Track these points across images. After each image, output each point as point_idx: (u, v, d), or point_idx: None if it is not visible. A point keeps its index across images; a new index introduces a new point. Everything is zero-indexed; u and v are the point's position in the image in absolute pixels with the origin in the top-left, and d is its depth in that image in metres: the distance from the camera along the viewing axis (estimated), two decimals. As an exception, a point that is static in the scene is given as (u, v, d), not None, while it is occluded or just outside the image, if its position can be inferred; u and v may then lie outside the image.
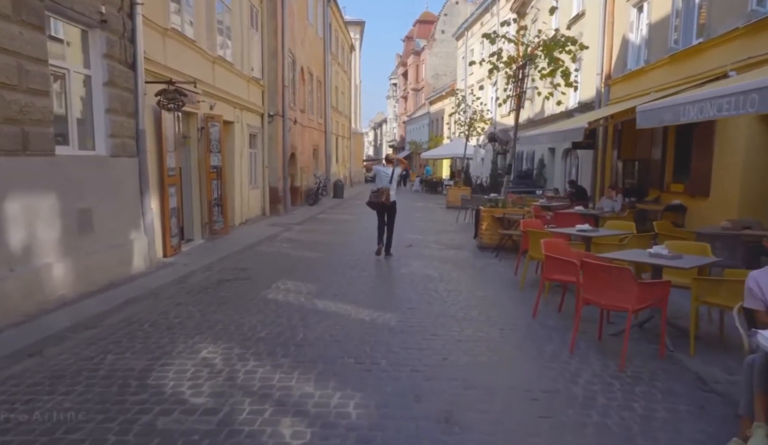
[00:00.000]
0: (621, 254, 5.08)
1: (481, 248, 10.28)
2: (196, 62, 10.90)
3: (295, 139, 19.82)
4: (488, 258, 9.49)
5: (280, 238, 12.26)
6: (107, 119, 7.46)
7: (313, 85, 24.11)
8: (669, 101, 6.57)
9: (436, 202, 24.34)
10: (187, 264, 8.66)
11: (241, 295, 6.67)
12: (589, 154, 16.87)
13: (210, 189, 11.40)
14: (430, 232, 13.35)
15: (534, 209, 10.53)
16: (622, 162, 13.80)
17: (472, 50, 37.17)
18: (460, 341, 4.95)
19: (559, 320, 5.62)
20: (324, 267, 8.62)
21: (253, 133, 15.94)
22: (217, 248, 10.24)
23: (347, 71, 37.62)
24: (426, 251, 10.22)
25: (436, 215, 18.24)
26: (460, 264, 8.94)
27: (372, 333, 5.10)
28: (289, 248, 10.62)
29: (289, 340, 4.90)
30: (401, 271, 8.33)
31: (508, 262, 9.06)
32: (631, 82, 13.73)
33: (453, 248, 10.60)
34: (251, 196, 15.64)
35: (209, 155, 11.37)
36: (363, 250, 10.39)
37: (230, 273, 8.11)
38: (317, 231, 13.64)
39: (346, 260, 9.23)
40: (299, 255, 9.79)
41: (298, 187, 21.04)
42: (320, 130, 26.07)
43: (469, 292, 6.99)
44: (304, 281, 7.50)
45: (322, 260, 9.27)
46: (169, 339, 4.88)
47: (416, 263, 9.00)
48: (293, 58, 19.76)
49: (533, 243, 6.96)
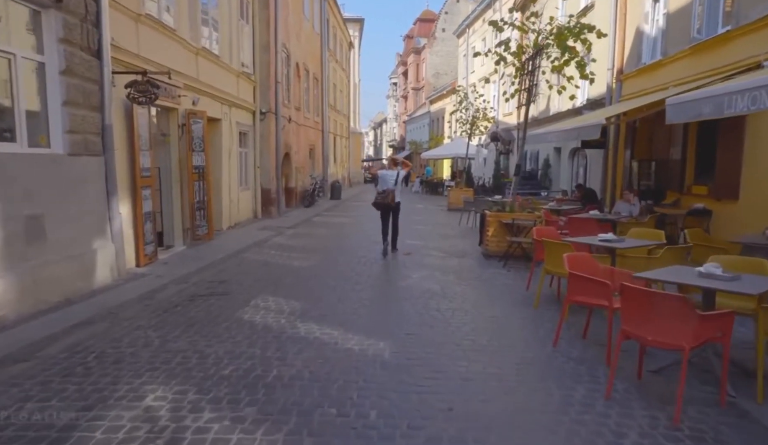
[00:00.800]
0: (663, 274, 4.18)
1: (487, 256, 9.38)
2: (177, 53, 10.01)
3: (289, 138, 18.93)
4: (495, 268, 8.60)
5: (269, 244, 11.36)
6: (65, 113, 6.56)
7: (310, 82, 23.22)
8: (708, 92, 5.68)
9: (436, 203, 23.44)
10: (161, 275, 7.77)
11: (214, 315, 5.78)
12: (598, 154, 15.98)
13: (192, 191, 10.50)
14: (430, 237, 12.45)
15: (544, 214, 9.63)
16: (637, 162, 12.89)
17: (473, 48, 36.28)
18: (467, 381, 4.05)
19: (584, 350, 4.72)
20: (313, 279, 7.72)
21: (243, 132, 15.05)
22: (198, 256, 9.35)
23: (346, 69, 36.72)
24: (426, 260, 9.33)
25: (437, 218, 17.35)
26: (465, 275, 8.04)
27: (361, 370, 4.20)
28: (278, 256, 9.72)
29: (258, 379, 4.00)
30: (399, 284, 7.44)
31: (517, 273, 8.16)
32: (645, 76, 12.83)
33: (456, 256, 9.70)
34: (241, 198, 14.75)
35: (191, 155, 10.48)
36: (358, 258, 9.49)
37: (206, 287, 7.22)
38: (310, 236, 12.75)
39: (339, 270, 8.35)
40: (287, 264, 8.89)
41: (293, 189, 20.15)
42: (317, 129, 25.17)
43: (476, 311, 6.09)
44: (289, 296, 6.60)
45: (312, 270, 8.37)
46: (112, 378, 3.98)
47: (416, 273, 8.10)
48: (287, 54, 18.87)
49: (550, 255, 6.06)
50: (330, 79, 28.95)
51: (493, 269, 8.52)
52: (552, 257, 6.00)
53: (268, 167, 16.43)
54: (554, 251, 5.96)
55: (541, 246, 6.53)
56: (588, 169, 17.22)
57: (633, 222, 9.32)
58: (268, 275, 7.97)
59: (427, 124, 48.09)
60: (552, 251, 6.01)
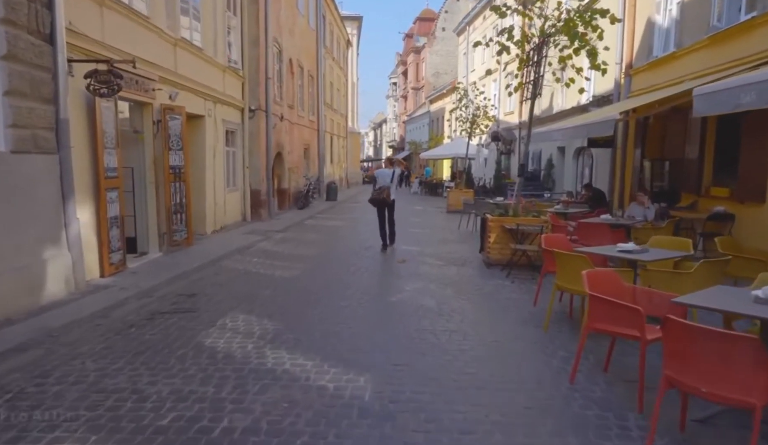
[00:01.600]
0: (710, 299, 3.35)
1: (489, 264, 8.55)
2: (151, 43, 9.20)
3: (281, 137, 18.12)
4: (498, 278, 7.77)
5: (253, 249, 10.54)
6: (6, 104, 5.75)
7: (304, 79, 22.40)
8: (750, 78, 4.84)
9: (435, 205, 22.61)
10: (126, 288, 6.95)
11: (171, 339, 4.95)
12: (605, 153, 15.15)
13: (169, 193, 9.68)
14: (428, 242, 11.62)
15: (551, 218, 8.81)
16: (650, 162, 12.05)
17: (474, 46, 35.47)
18: (466, 435, 3.22)
19: (608, 389, 3.89)
20: (295, 292, 6.89)
21: (230, 130, 14.24)
22: (172, 264, 8.53)
23: (343, 68, 35.91)
24: (422, 269, 8.50)
25: (436, 221, 16.52)
26: (464, 288, 7.21)
27: (333, 419, 3.37)
28: (260, 264, 8.90)
29: (202, 433, 3.17)
30: (390, 299, 6.61)
31: (523, 285, 7.33)
32: (657, 70, 12.01)
33: (455, 265, 8.87)
34: (228, 200, 13.93)
35: (168, 153, 9.66)
36: (348, 266, 8.68)
37: (172, 302, 6.39)
38: (299, 241, 11.92)
39: (324, 281, 7.52)
40: (268, 274, 8.07)
41: (285, 190, 19.34)
42: (312, 128, 24.36)
43: (477, 333, 5.26)
44: (263, 314, 5.78)
45: (295, 282, 7.54)
46: (16, 433, 3.15)
47: (410, 285, 7.27)
48: (280, 49, 18.06)
49: (562, 269, 5.24)
50: (326, 77, 28.14)
51: (495, 280, 7.68)
52: (565, 271, 5.18)
53: (257, 167, 15.61)
54: (567, 263, 5.13)
55: (551, 257, 5.71)
56: (594, 169, 16.40)
57: (649, 227, 8.50)
58: (244, 287, 7.14)
59: (426, 124, 47.30)
60: (565, 263, 5.19)
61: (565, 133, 10.16)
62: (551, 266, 5.81)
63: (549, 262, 5.86)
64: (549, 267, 5.92)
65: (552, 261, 5.70)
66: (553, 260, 5.62)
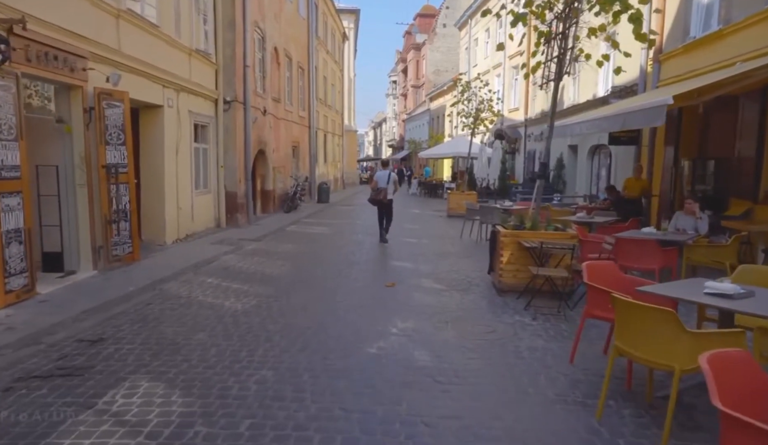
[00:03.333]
0: None
1: (501, 290, 6.72)
2: (80, 10, 7.38)
3: (264, 133, 16.30)
4: (514, 312, 5.94)
5: (213, 266, 8.72)
6: None
7: (293, 71, 20.58)
8: None
9: (435, 208, 20.80)
10: (13, 327, 5.16)
11: (12, 436, 3.13)
12: (627, 151, 13.33)
13: (106, 197, 7.87)
14: (425, 256, 9.79)
15: (579, 231, 6.99)
16: (689, 161, 10.23)
17: (476, 40, 33.66)
18: None
19: None
20: (236, 339, 5.01)
21: (201, 123, 12.43)
22: (100, 289, 6.72)
23: (339, 62, 34.08)
24: (416, 296, 6.68)
25: (435, 227, 14.67)
26: (470, 330, 5.37)
27: None
28: (212, 288, 7.07)
29: None
30: (369, 350, 4.74)
31: (549, 323, 5.50)
32: (695, 53, 10.18)
33: (457, 289, 7.04)
34: (198, 204, 12.12)
35: (104, 149, 7.85)
36: (322, 291, 6.86)
37: (62, 353, 4.57)
38: (272, 253, 10.09)
39: (285, 318, 5.68)
40: (216, 305, 6.24)
41: (269, 191, 17.53)
42: (302, 124, 22.53)
43: (492, 425, 3.42)
44: (175, 383, 3.95)
45: (245, 318, 5.69)
46: None
47: (398, 325, 5.44)
48: (262, 35, 16.24)
49: (626, 323, 3.40)
50: (320, 70, 26.33)
51: (511, 315, 5.84)
52: (631, 327, 3.35)
53: (234, 167, 13.80)
54: (635, 316, 3.31)
55: (600, 298, 3.91)
56: (613, 169, 14.56)
57: (704, 244, 6.69)
58: (174, 327, 5.31)
59: (426, 122, 45.51)
60: (630, 316, 3.36)
61: (598, 125, 8.31)
62: (600, 309, 4.01)
63: (597, 303, 4.05)
64: (595, 310, 4.11)
65: (601, 303, 3.89)
66: (603, 301, 3.81)
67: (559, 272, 5.97)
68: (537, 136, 22.76)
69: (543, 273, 5.86)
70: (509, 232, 6.66)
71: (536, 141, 23.13)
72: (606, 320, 4.08)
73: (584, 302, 6.05)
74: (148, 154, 10.31)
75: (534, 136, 23.28)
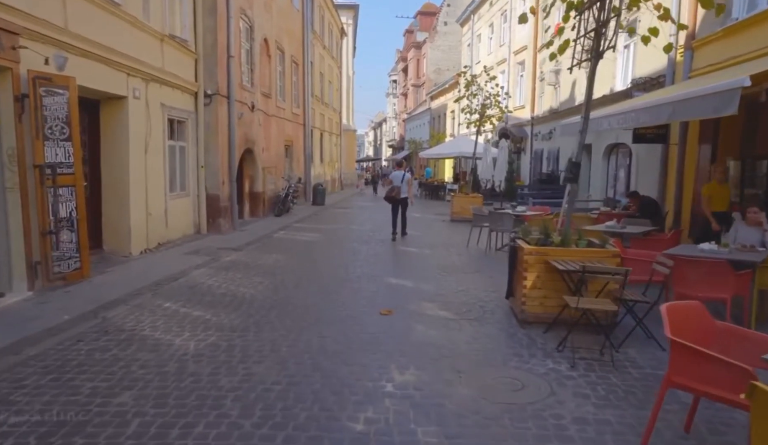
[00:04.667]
0: None
1: (524, 321, 5.38)
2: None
3: (252, 131, 14.99)
4: (545, 355, 4.60)
5: (178, 284, 7.38)
6: None
7: (286, 65, 19.26)
8: None
9: (436, 211, 19.47)
10: None
11: None
12: (651, 151, 12.00)
13: (44, 203, 6.54)
14: (426, 271, 8.45)
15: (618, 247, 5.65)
16: (737, 162, 8.88)
17: (479, 36, 32.35)
18: None
19: None
20: (173, 406, 3.66)
21: (177, 119, 11.13)
22: (25, 319, 5.40)
23: (336, 58, 32.77)
24: (417, 330, 5.34)
25: (438, 234, 13.33)
26: (490, 385, 4.01)
27: None
28: (166, 318, 5.72)
29: None
30: (353, 425, 3.35)
31: (593, 374, 4.17)
32: (738, 37, 8.87)
33: (467, 319, 5.70)
34: (173, 208, 10.81)
35: (42, 145, 6.52)
36: (300, 323, 5.52)
37: None
38: (252, 267, 8.75)
39: (248, 366, 4.34)
40: (164, 343, 4.90)
41: (259, 194, 16.20)
42: (297, 122, 21.21)
43: None
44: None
45: (195, 367, 4.33)
46: None
47: (394, 377, 4.09)
48: (251, 24, 14.92)
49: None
50: (315, 66, 25.02)
51: (542, 359, 4.49)
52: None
53: (216, 167, 12.47)
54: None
55: (693, 361, 2.58)
56: (634, 170, 13.22)
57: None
58: (94, 382, 3.96)
59: (427, 122, 44.21)
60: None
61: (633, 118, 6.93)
62: (689, 376, 2.68)
63: (685, 368, 2.72)
64: (683, 379, 2.78)
65: (692, 367, 2.57)
66: (694, 364, 2.48)
67: (605, 304, 4.62)
68: (545, 135, 21.44)
69: (585, 306, 4.51)
70: (534, 249, 5.32)
71: (544, 140, 21.82)
72: (701, 394, 2.75)
73: (634, 340, 4.78)
74: (110, 153, 9.00)
75: (541, 136, 21.95)
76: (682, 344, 2.73)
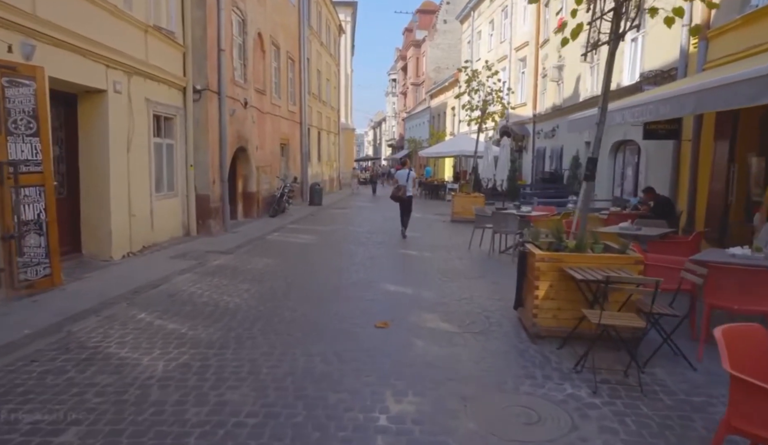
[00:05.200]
0: None
1: (536, 335, 4.81)
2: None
3: (246, 128, 14.42)
4: (562, 377, 4.04)
5: (158, 291, 6.81)
6: None
7: (281, 61, 18.68)
8: None
9: (437, 211, 18.91)
10: None
11: None
12: (661, 148, 11.44)
13: (7, 205, 5.98)
14: (427, 277, 7.88)
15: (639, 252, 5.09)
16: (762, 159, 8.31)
17: (479, 33, 31.77)
18: None
19: None
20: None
21: (164, 115, 10.57)
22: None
23: (334, 56, 32.17)
24: (417, 346, 4.78)
25: (438, 235, 12.76)
26: (500, 416, 3.45)
27: None
28: (137, 332, 5.16)
29: None
30: None
31: (620, 402, 3.61)
32: (759, 26, 8.31)
33: (472, 332, 5.14)
34: (159, 209, 10.25)
35: (4, 141, 5.95)
36: (285, 336, 4.95)
37: None
38: (240, 272, 8.19)
39: (220, 393, 3.78)
40: (129, 363, 4.33)
41: (253, 194, 15.64)
42: (293, 120, 20.63)
43: None
44: None
45: (160, 395, 3.75)
46: None
47: (389, 407, 3.53)
48: (243, 18, 14.36)
49: None
50: (312, 63, 24.43)
51: (559, 383, 3.93)
52: None
53: (206, 166, 11.91)
54: None
55: (758, 403, 2.02)
56: (643, 168, 12.65)
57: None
58: (37, 415, 3.40)
59: (427, 120, 43.65)
60: None
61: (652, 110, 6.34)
62: (754, 422, 2.12)
63: (749, 411, 2.16)
64: (744, 423, 2.21)
65: (757, 410, 2.00)
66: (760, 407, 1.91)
67: (631, 320, 4.05)
68: (548, 132, 20.88)
69: (608, 322, 3.94)
70: (547, 255, 4.74)
71: (546, 138, 21.25)
72: (743, 435, 2.18)
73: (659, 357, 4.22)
74: (88, 150, 8.45)
75: (544, 133, 21.39)
76: (747, 382, 2.17)
